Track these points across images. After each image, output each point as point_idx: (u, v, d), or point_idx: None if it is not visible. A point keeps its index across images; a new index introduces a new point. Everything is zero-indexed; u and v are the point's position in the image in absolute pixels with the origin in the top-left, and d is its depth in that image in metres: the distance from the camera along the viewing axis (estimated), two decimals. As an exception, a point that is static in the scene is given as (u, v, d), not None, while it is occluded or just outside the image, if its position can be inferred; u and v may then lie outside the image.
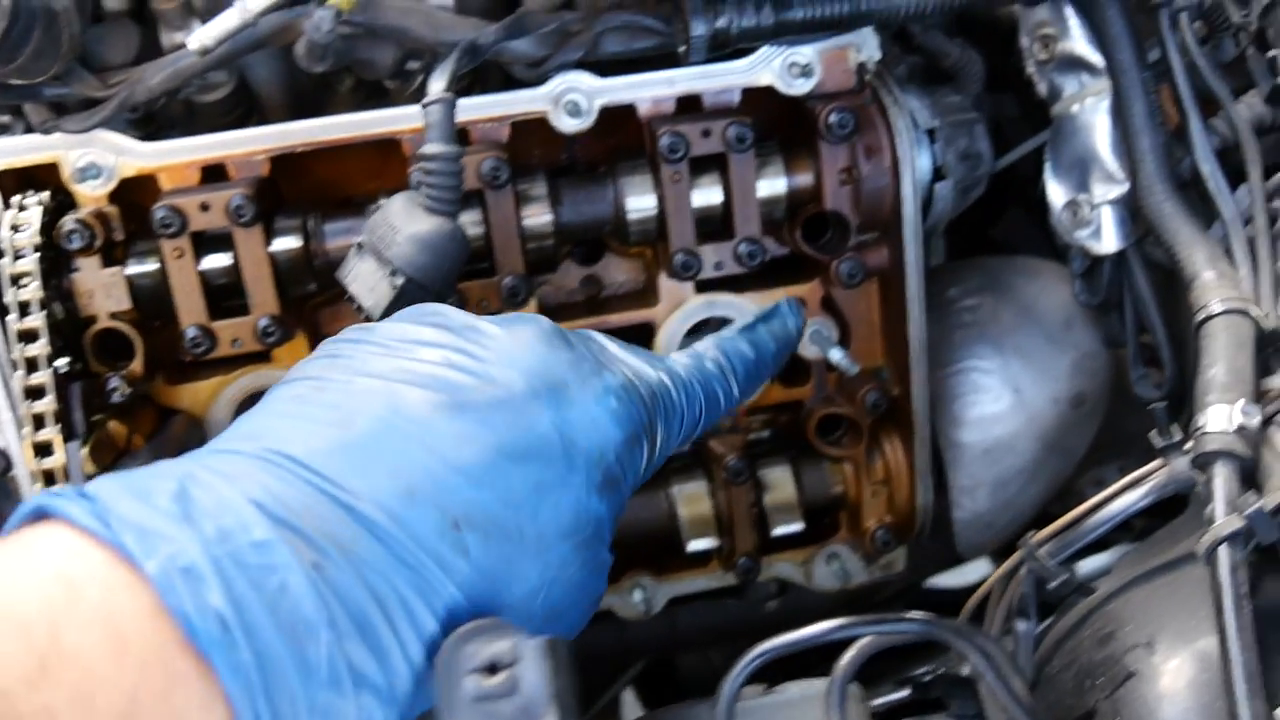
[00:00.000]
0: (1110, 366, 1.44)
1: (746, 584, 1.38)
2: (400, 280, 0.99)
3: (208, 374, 1.27)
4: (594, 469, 0.77)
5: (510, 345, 0.78)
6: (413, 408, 0.72)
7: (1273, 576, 0.93)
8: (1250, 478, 0.94)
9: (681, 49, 1.17)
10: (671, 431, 0.88)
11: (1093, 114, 1.32)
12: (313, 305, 1.29)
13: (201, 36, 1.10)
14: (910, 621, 0.87)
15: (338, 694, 0.60)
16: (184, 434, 1.26)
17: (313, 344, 1.26)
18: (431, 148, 1.02)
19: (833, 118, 1.21)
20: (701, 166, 1.24)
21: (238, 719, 0.57)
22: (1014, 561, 1.06)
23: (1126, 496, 1.01)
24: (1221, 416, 0.93)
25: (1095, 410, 1.45)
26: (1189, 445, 0.96)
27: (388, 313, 0.98)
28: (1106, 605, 1.02)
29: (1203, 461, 0.93)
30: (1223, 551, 0.88)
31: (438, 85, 1.04)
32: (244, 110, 1.30)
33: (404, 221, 1.02)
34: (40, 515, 0.62)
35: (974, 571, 1.82)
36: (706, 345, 0.99)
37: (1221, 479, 0.91)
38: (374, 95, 1.37)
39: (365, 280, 1.01)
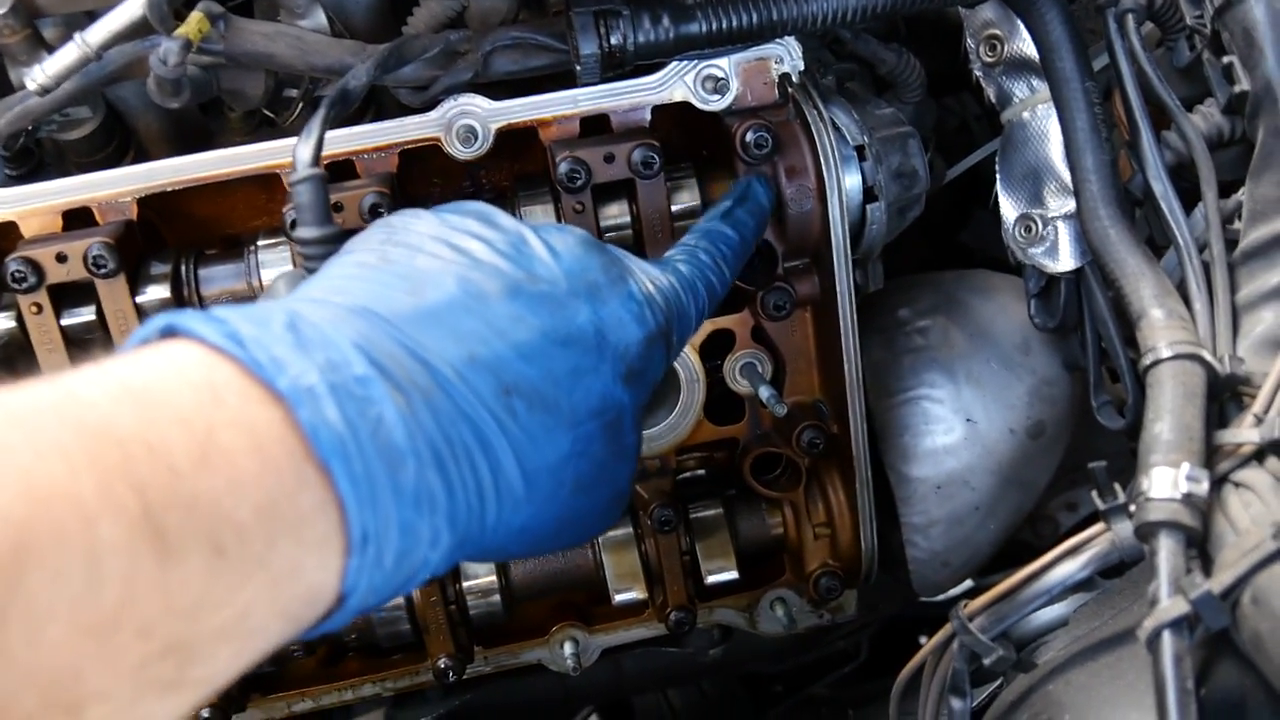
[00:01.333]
0: (1071, 393, 1.33)
1: (680, 636, 1.28)
2: None
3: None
4: (619, 361, 0.86)
5: (550, 249, 0.86)
6: (475, 286, 0.80)
7: (1225, 659, 0.82)
8: (1202, 545, 0.83)
9: (577, 69, 1.06)
10: (685, 329, 0.97)
11: (1045, 121, 1.21)
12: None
13: (39, 75, 1.00)
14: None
15: (417, 514, 0.67)
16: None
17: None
18: (306, 232, 0.91)
19: (749, 136, 1.10)
20: (610, 192, 1.13)
21: (348, 520, 0.63)
22: (945, 634, 0.95)
23: (1065, 565, 0.91)
24: (1166, 481, 0.82)
25: (1057, 439, 1.34)
26: (1134, 508, 0.85)
27: None
28: (1046, 685, 0.92)
29: (1145, 532, 0.82)
30: (1166, 638, 0.77)
31: (304, 154, 0.92)
32: (118, 145, 1.20)
33: None
34: (169, 333, 0.67)
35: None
36: (695, 239, 1.03)
37: (1165, 553, 0.80)
38: (268, 122, 1.27)
39: None
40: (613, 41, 1.02)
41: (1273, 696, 0.79)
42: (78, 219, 1.11)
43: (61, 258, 1.07)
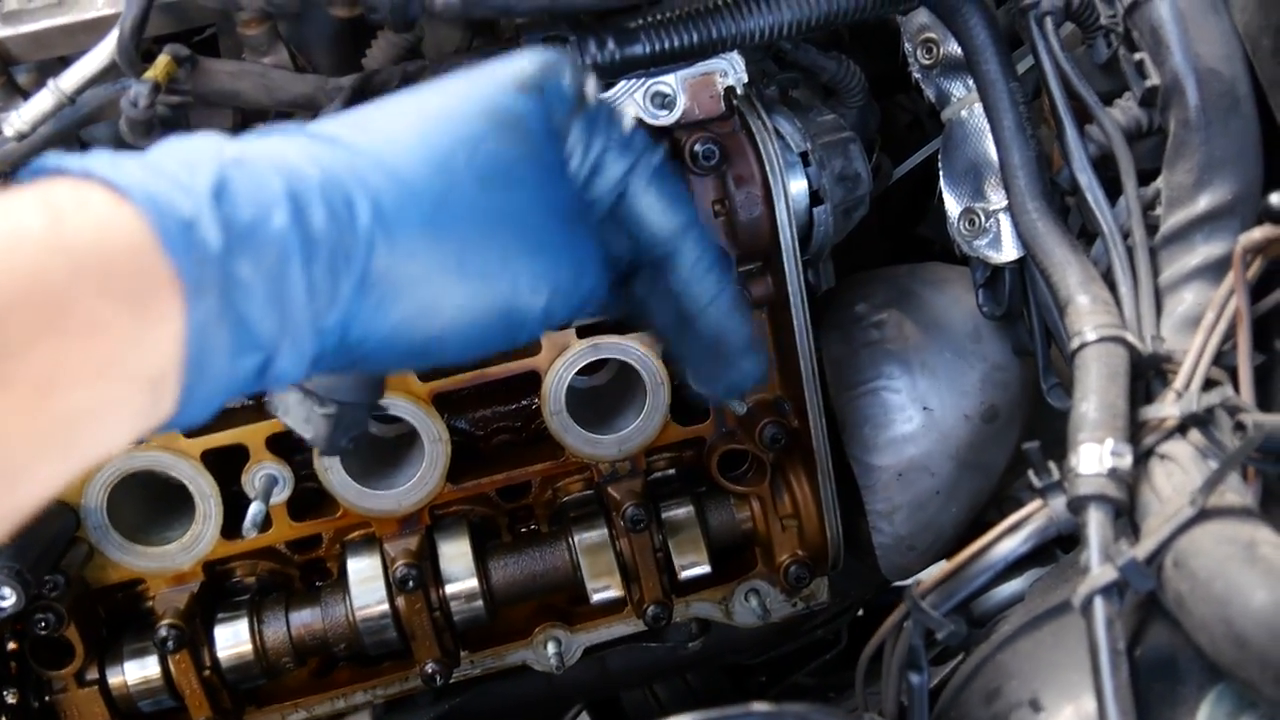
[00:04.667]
0: (1023, 377, 1.38)
1: (658, 630, 1.33)
2: (331, 409, 0.94)
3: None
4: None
5: None
6: None
7: (1156, 621, 0.88)
8: (1131, 515, 0.89)
9: (528, 92, 1.11)
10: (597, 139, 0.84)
11: (982, 119, 1.26)
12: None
13: (16, 121, 1.05)
14: (751, 714, 0.81)
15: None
16: (56, 523, 1.21)
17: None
18: None
19: (697, 148, 1.16)
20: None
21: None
22: (900, 613, 1.01)
23: (1007, 542, 0.96)
24: (1092, 457, 0.87)
25: (1011, 421, 1.39)
26: (1066, 484, 0.91)
27: (332, 440, 0.95)
28: (997, 655, 0.97)
29: (1076, 506, 0.88)
30: (1097, 604, 0.82)
31: None
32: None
33: None
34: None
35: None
36: None
37: (1094, 524, 0.86)
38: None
39: (297, 413, 0.96)
40: (560, 65, 1.07)
41: (1200, 653, 0.84)
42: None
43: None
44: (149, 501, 1.32)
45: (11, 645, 1.25)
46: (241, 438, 1.24)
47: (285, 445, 1.25)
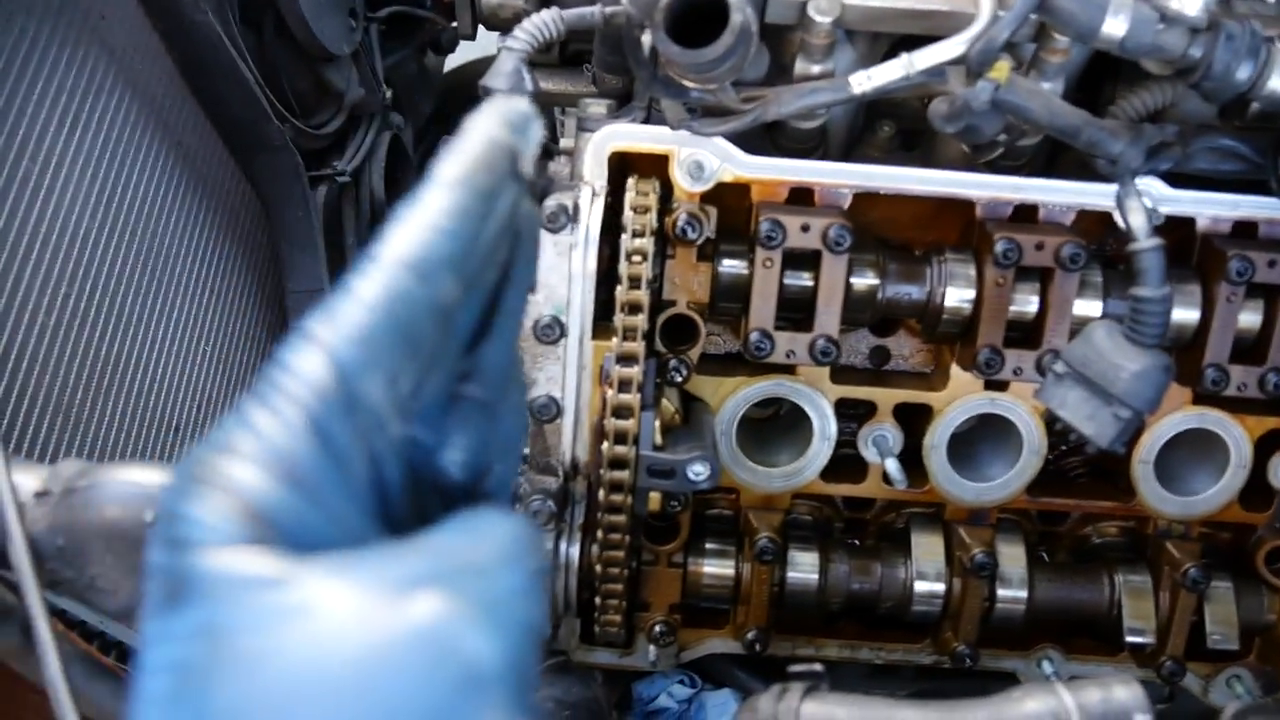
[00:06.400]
0: None
1: (1169, 684, 1.43)
2: (1128, 414, 1.10)
3: (731, 371, 1.37)
4: None
5: None
6: None
7: None
8: None
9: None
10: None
11: None
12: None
13: (865, 81, 1.19)
14: None
15: None
16: (705, 422, 1.35)
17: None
18: (1147, 291, 1.11)
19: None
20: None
21: None
22: None
23: None
24: None
25: None
26: None
27: (1115, 441, 1.12)
28: None
29: None
30: None
31: (1139, 222, 1.13)
32: (819, 142, 1.40)
33: (1122, 358, 1.13)
34: None
35: None
36: None
37: None
38: (905, 145, 1.48)
39: (1079, 409, 1.11)
40: (1342, 173, 1.19)
41: None
42: (797, 197, 1.31)
43: (805, 228, 1.26)
44: (746, 423, 1.46)
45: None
46: (874, 397, 1.37)
47: (904, 414, 1.38)
